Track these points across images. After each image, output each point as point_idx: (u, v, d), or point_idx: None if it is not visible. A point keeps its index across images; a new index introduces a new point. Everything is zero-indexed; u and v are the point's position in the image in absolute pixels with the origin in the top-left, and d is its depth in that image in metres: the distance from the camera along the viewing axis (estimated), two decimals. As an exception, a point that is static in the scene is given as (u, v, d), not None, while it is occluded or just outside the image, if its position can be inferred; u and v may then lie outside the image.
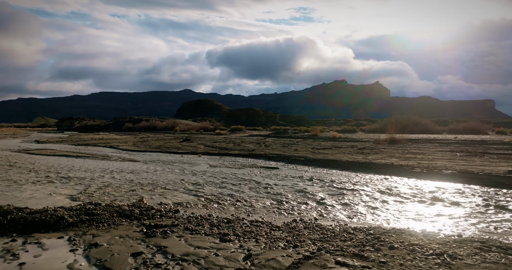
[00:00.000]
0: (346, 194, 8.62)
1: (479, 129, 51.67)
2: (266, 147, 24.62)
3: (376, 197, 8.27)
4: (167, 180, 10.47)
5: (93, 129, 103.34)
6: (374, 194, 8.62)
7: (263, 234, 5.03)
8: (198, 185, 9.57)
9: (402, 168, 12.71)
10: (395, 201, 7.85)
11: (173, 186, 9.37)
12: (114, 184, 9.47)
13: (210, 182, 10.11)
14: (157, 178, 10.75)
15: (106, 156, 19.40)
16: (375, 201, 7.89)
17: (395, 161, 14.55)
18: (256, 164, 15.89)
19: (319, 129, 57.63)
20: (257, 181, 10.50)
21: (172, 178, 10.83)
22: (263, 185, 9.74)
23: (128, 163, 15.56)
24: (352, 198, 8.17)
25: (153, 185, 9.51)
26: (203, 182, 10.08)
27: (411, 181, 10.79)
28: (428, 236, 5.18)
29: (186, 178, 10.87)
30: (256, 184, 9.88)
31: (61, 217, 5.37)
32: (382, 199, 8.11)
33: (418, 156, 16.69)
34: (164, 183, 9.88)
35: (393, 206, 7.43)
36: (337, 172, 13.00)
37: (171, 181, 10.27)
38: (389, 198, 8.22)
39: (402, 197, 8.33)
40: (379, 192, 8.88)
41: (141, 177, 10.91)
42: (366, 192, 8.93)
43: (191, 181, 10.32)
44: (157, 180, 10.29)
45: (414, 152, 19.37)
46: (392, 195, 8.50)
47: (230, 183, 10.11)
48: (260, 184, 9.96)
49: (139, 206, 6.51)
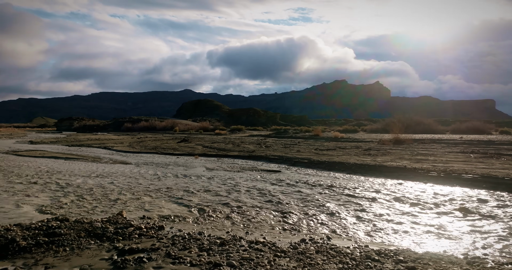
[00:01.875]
0: (359, 203, 7.52)
1: (482, 129, 50.65)
2: (266, 148, 23.53)
3: (394, 207, 7.17)
4: (157, 186, 9.37)
5: (92, 129, 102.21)
6: (392, 204, 7.52)
7: (265, 264, 3.93)
8: (191, 193, 8.47)
9: (416, 171, 11.60)
10: (418, 213, 6.75)
11: (162, 194, 8.27)
12: (96, 192, 8.37)
13: (205, 189, 9.01)
14: (146, 184, 9.65)
15: (97, 158, 18.30)
16: (394, 212, 6.79)
17: (407, 163, 13.45)
18: (256, 166, 14.80)
19: (320, 129, 56.55)
20: (258, 187, 9.40)
21: (162, 184, 9.73)
22: (264, 192, 8.64)
23: (118, 166, 14.46)
24: (367, 208, 7.07)
25: (139, 192, 8.41)
26: (197, 189, 8.98)
27: (429, 187, 9.69)
28: (474, 263, 4.08)
29: (178, 184, 9.77)
30: (257, 191, 8.78)
31: (12, 239, 4.27)
32: (402, 209, 7.01)
33: (430, 158, 15.58)
34: (153, 189, 8.78)
35: (417, 219, 6.33)
36: (344, 176, 11.90)
37: (161, 187, 9.18)
38: (410, 208, 7.12)
39: (424, 207, 7.23)
40: (396, 201, 7.77)
41: (129, 183, 9.81)
42: (382, 200, 7.83)
43: (183, 187, 9.22)
44: (146, 187, 9.19)
45: (424, 153, 18.26)
46: (412, 205, 7.40)
47: (227, 189, 9.01)
48: (261, 190, 8.86)
49: (115, 221, 5.41)
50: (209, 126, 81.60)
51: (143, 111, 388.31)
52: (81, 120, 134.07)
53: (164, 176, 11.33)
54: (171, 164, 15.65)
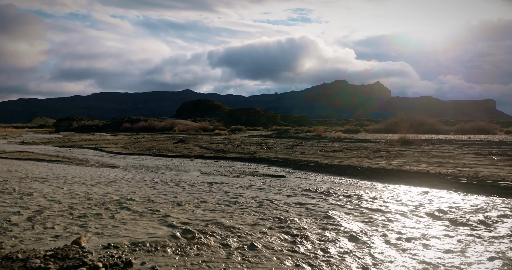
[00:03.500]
0: (388, 222, 6.00)
1: (487, 129, 49.40)
2: (268, 149, 22.01)
3: (435, 228, 5.65)
4: (140, 197, 7.86)
5: (90, 129, 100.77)
6: (427, 222, 6.00)
7: None
8: (179, 206, 6.95)
9: (441, 177, 10.08)
10: (468, 236, 5.22)
11: (143, 208, 6.75)
12: (62, 206, 6.85)
13: (196, 201, 7.49)
14: (127, 193, 8.14)
15: (84, 160, 16.79)
16: (437, 235, 5.27)
17: (427, 167, 11.91)
18: (257, 170, 13.29)
19: (322, 129, 55.06)
20: (260, 197, 7.89)
21: (147, 194, 8.22)
22: (268, 205, 7.13)
23: (103, 170, 12.94)
24: (400, 229, 5.55)
25: (115, 205, 6.90)
26: (186, 200, 7.46)
27: (462, 197, 8.18)
28: None
29: (165, 194, 8.26)
30: (258, 203, 7.27)
31: None
32: (444, 231, 5.49)
33: (450, 161, 14.06)
34: (133, 202, 7.27)
35: (471, 247, 4.81)
36: (359, 182, 10.38)
37: (143, 198, 7.66)
38: (455, 230, 5.59)
39: (470, 227, 5.71)
40: (433, 218, 6.25)
41: (107, 193, 8.30)
42: (414, 217, 6.31)
43: (171, 198, 7.70)
44: (125, 197, 7.67)
45: (440, 155, 16.75)
46: (455, 223, 5.88)
47: (223, 201, 7.49)
48: (264, 202, 7.34)
49: (64, 255, 3.90)
50: (208, 126, 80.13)
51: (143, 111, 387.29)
52: (80, 120, 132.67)
53: (152, 183, 9.81)
54: (163, 167, 14.14)
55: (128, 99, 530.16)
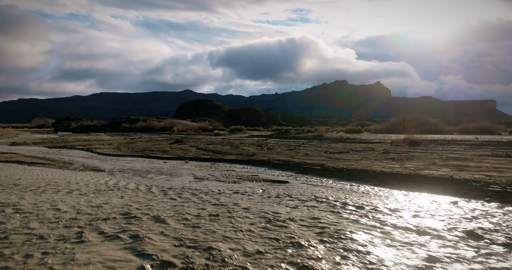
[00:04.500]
0: (423, 249, 4.67)
1: (491, 129, 48.27)
2: (268, 150, 20.70)
3: (490, 258, 4.33)
4: (116, 210, 6.55)
5: (89, 129, 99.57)
6: (474, 247, 4.67)
7: None
8: (159, 224, 5.63)
9: (469, 184, 8.76)
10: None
11: (115, 228, 5.44)
12: (11, 225, 5.54)
13: (183, 216, 6.17)
14: (100, 204, 6.82)
15: (69, 163, 15.48)
16: (493, 266, 3.96)
17: (449, 172, 10.58)
18: (257, 174, 11.98)
19: (324, 129, 53.77)
20: (260, 210, 6.57)
21: (125, 206, 6.91)
22: (270, 220, 5.82)
23: (85, 175, 11.63)
24: (443, 259, 4.23)
25: (80, 223, 5.59)
26: (170, 215, 6.14)
27: (503, 210, 6.86)
28: None
29: (147, 205, 6.95)
30: (258, 219, 5.95)
31: None
32: (504, 262, 4.18)
33: (469, 164, 12.74)
34: (105, 217, 5.95)
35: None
36: (373, 189, 9.07)
37: (120, 213, 6.35)
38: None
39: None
40: (477, 239, 4.93)
41: (77, 204, 6.98)
42: (452, 239, 4.99)
43: (152, 212, 6.37)
44: (97, 212, 6.36)
45: (455, 157, 15.44)
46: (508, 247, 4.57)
47: (215, 215, 6.18)
48: (265, 217, 6.03)
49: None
50: (208, 126, 78.90)
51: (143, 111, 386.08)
52: (78, 121, 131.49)
53: (135, 191, 8.49)
54: (153, 171, 12.83)
55: (128, 99, 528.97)
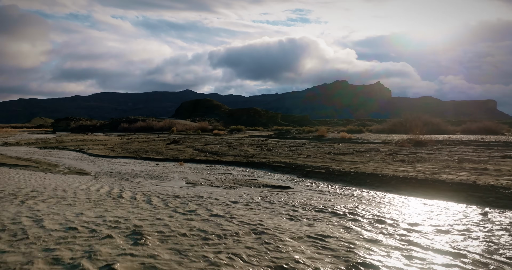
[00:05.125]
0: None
1: (495, 129, 47.31)
2: (269, 151, 19.66)
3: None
4: (86, 225, 5.51)
5: (87, 129, 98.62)
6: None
7: None
8: (135, 242, 4.59)
9: (496, 191, 7.70)
10: None
11: (78, 250, 4.40)
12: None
13: (165, 232, 5.13)
14: (71, 220, 5.79)
15: (54, 165, 14.44)
16: None
17: (469, 176, 9.52)
18: (256, 179, 10.94)
19: (325, 129, 52.73)
20: (258, 224, 5.53)
21: (99, 218, 5.87)
22: (269, 238, 4.79)
23: (67, 179, 10.58)
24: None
25: (33, 250, 4.55)
26: (150, 233, 5.09)
27: (544, 223, 5.82)
28: None
29: (126, 218, 5.91)
30: (255, 238, 4.92)
31: None
32: None
33: (487, 166, 11.68)
34: (69, 239, 4.92)
35: None
36: (388, 197, 8.02)
37: (90, 228, 5.31)
38: None
39: None
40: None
41: (38, 220, 5.95)
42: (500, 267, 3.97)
43: (129, 227, 5.33)
44: (66, 226, 5.32)
45: (468, 159, 14.39)
46: None
47: (206, 233, 5.14)
48: (263, 235, 5.00)
49: None
50: (207, 126, 77.94)
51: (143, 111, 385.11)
52: (78, 121, 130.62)
53: (116, 199, 7.45)
54: (143, 174, 11.78)
55: (128, 99, 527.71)
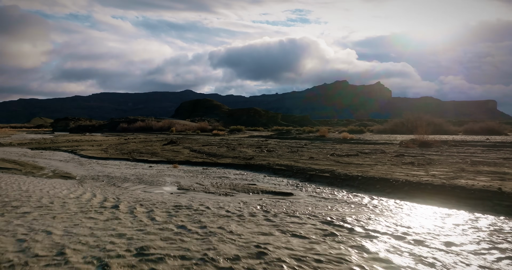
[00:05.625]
0: None
1: (498, 129, 46.57)
2: (269, 152, 18.76)
3: None
4: (48, 247, 4.61)
5: (86, 129, 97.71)
6: None
7: None
8: None
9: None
10: None
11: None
12: None
13: (143, 256, 4.23)
14: (28, 243, 4.89)
15: (39, 167, 13.53)
16: None
17: (491, 182, 8.60)
18: (255, 183, 10.04)
19: (326, 129, 51.84)
20: (254, 242, 4.64)
21: (66, 236, 4.98)
22: (271, 262, 3.89)
23: (49, 183, 9.67)
24: None
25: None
26: (124, 255, 4.19)
27: None
28: None
29: (98, 236, 5.01)
30: (256, 259, 4.02)
31: None
32: None
33: (506, 170, 10.77)
34: (20, 261, 4.03)
35: None
36: (402, 206, 7.12)
37: (52, 250, 4.42)
38: None
39: None
40: None
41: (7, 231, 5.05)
42: None
43: (100, 246, 4.43)
44: (21, 248, 4.43)
45: (480, 161, 13.50)
46: None
47: (195, 253, 4.24)
48: (264, 258, 4.10)
49: None
50: (207, 127, 77.03)
51: (144, 111, 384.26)
52: (77, 121, 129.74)
53: (95, 210, 6.55)
54: (133, 178, 10.88)
55: (128, 99, 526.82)
